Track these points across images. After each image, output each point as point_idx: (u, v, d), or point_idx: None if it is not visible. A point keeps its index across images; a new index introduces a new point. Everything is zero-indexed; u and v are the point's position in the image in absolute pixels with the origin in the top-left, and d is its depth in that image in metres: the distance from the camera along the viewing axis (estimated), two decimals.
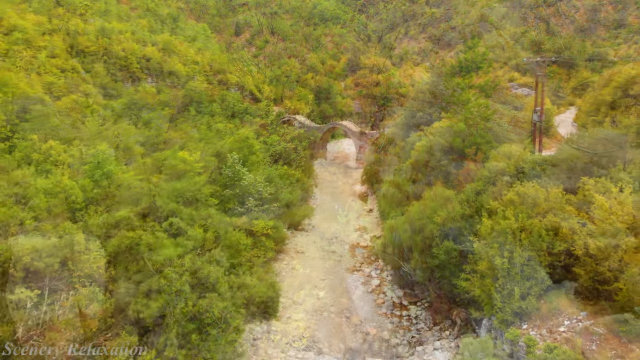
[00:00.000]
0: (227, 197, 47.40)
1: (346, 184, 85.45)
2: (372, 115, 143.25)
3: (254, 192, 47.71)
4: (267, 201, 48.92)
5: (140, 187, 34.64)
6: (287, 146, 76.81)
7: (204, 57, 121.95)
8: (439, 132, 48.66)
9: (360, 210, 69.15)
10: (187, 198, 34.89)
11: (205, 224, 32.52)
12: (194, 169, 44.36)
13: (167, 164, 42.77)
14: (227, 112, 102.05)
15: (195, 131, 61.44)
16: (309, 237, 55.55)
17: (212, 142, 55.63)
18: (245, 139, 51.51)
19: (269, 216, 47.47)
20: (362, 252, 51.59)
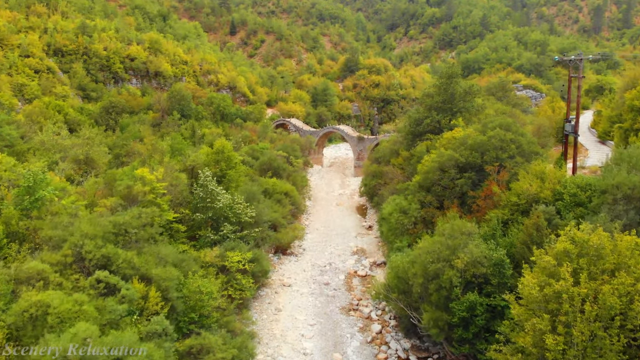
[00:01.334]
0: (198, 222, 38.90)
1: (343, 195, 76.92)
2: (371, 119, 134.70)
3: (231, 216, 39.22)
4: (247, 225, 40.42)
5: (68, 222, 26.15)
6: (277, 154, 68.27)
7: (194, 57, 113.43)
8: (451, 144, 40.14)
9: (358, 226, 60.66)
10: (132, 234, 26.46)
11: (152, 276, 24.08)
12: (156, 190, 35.87)
13: (119, 186, 34.30)
14: (216, 116, 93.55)
15: (171, 139, 52.81)
16: (298, 264, 47.03)
17: (186, 153, 47.15)
18: (222, 150, 42.98)
19: (248, 245, 38.99)
20: (360, 284, 43.12)
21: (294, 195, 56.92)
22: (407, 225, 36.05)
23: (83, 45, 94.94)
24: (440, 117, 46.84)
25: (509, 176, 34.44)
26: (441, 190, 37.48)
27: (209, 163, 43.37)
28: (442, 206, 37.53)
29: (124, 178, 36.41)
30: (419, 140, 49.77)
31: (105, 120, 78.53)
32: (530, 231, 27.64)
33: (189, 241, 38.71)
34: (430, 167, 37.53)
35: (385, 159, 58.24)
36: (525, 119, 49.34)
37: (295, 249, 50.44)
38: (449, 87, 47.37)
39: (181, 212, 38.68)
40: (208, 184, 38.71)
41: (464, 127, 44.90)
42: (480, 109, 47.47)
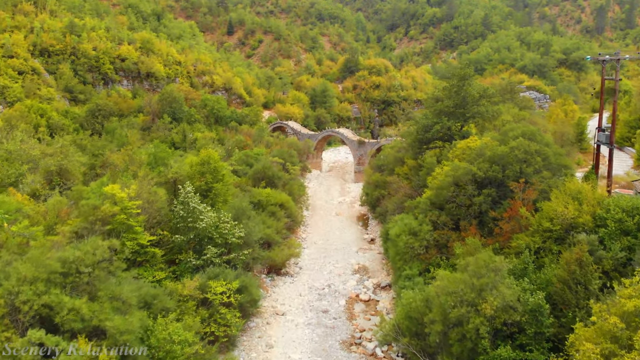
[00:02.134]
0: (178, 245, 33.74)
1: (343, 203, 71.74)
2: (372, 121, 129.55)
3: (216, 237, 34.06)
4: (235, 247, 35.26)
5: (5, 260, 20.96)
6: (272, 160, 63.12)
7: (188, 57, 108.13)
8: (466, 155, 34.99)
9: (359, 239, 55.52)
10: (85, 275, 21.26)
11: (107, 328, 18.92)
12: (127, 210, 30.71)
13: (84, 206, 29.14)
14: (209, 119, 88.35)
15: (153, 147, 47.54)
16: (294, 286, 41.84)
17: (170, 163, 42.02)
18: (207, 161, 37.78)
19: (236, 270, 33.86)
20: (363, 310, 38.00)
21: (290, 206, 51.75)
22: (417, 250, 30.88)
23: (71, 45, 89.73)
24: (451, 124, 41.63)
25: (536, 194, 29.29)
26: (456, 208, 32.31)
27: (193, 175, 38.18)
28: (458, 227, 32.37)
29: (90, 196, 31.27)
30: (427, 148, 44.59)
31: (91, 124, 73.31)
32: (572, 267, 22.52)
33: (167, 266, 33.58)
34: (443, 181, 32.36)
35: (388, 167, 53.01)
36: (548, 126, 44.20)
37: (290, 268, 45.26)
38: (460, 90, 42.16)
39: (159, 233, 33.55)
40: (189, 201, 33.54)
41: (478, 135, 39.76)
42: (496, 114, 42.41)
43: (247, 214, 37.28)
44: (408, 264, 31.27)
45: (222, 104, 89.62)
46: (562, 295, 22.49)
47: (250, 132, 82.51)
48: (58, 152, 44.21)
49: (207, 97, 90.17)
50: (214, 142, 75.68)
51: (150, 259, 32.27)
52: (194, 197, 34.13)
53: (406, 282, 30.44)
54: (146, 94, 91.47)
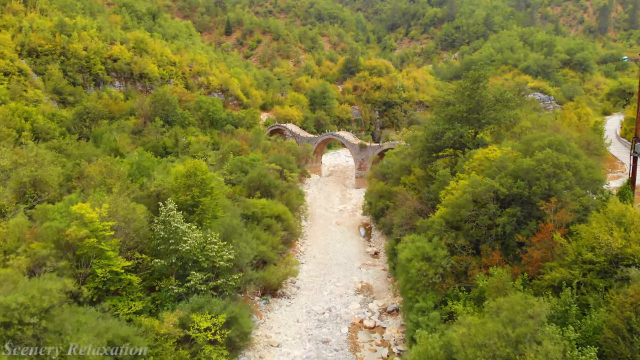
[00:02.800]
0: (159, 270, 29.48)
1: (344, 211, 67.48)
2: (373, 123, 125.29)
3: (202, 260, 29.82)
4: (224, 271, 31.00)
5: None
6: (269, 167, 58.88)
7: (183, 58, 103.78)
8: (484, 167, 30.75)
9: (362, 252, 51.27)
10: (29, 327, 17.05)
11: None
12: (98, 233, 26.50)
13: (48, 229, 24.96)
14: (204, 122, 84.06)
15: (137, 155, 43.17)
16: (290, 310, 37.58)
17: (153, 173, 37.77)
18: (194, 173, 33.52)
19: (224, 298, 29.65)
20: (368, 339, 33.78)
21: (287, 218, 47.48)
22: (432, 278, 26.60)
23: (61, 44, 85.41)
24: (465, 130, 37.35)
25: (571, 216, 25.06)
26: (475, 228, 28.06)
27: (178, 189, 33.92)
28: (478, 250, 28.14)
29: (56, 216, 27.02)
30: (437, 157, 40.33)
31: (78, 128, 68.98)
32: (626, 313, 18.30)
33: (147, 294, 29.36)
34: (460, 198, 28.11)
35: (394, 176, 48.70)
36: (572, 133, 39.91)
37: (287, 288, 40.99)
38: (474, 94, 37.88)
39: (137, 257, 29.29)
40: (171, 220, 29.28)
41: (494, 143, 35.53)
42: (514, 120, 38.20)
43: (238, 232, 32.99)
44: (421, 294, 27.00)
45: (218, 106, 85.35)
46: (615, 347, 18.29)
47: (246, 136, 78.21)
48: (32, 161, 39.96)
49: (202, 98, 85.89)
50: (208, 147, 71.52)
51: (126, 287, 28.08)
52: (177, 216, 29.87)
53: (419, 316, 26.19)
54: (139, 95, 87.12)
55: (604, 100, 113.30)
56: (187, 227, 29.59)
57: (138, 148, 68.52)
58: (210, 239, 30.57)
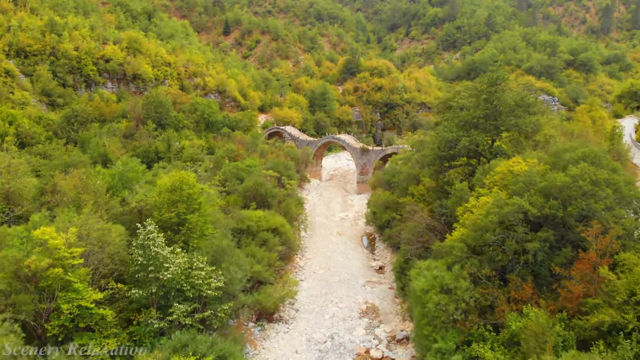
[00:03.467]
0: (137, 301, 25.49)
1: (346, 219, 63.47)
2: (374, 125, 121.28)
3: (187, 289, 25.85)
4: (212, 301, 27.01)
5: None
6: (266, 174, 54.88)
7: (179, 58, 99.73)
8: (509, 182, 26.77)
9: (366, 267, 47.25)
10: None
11: None
12: (65, 261, 22.55)
13: (4, 259, 21.00)
14: (199, 125, 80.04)
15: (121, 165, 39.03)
16: (288, 338, 33.57)
17: (135, 185, 33.78)
18: (179, 187, 29.50)
19: (212, 333, 25.65)
20: None
21: (285, 231, 43.48)
22: (453, 315, 22.63)
23: (50, 44, 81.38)
24: (482, 138, 33.35)
25: (617, 245, 21.12)
26: (501, 255, 24.08)
27: (162, 205, 29.90)
28: (504, 280, 24.17)
29: (15, 242, 23.04)
30: (449, 167, 36.31)
31: (66, 132, 64.93)
32: None
33: (123, 329, 25.36)
34: (484, 220, 24.12)
35: (401, 185, 44.64)
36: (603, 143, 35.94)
37: (285, 311, 36.97)
38: (492, 97, 33.87)
39: (112, 287, 25.30)
40: (150, 245, 25.28)
41: (518, 154, 31.53)
42: (536, 127, 34.22)
43: (229, 253, 28.96)
44: (440, 332, 23.02)
45: (214, 108, 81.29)
46: None
47: (243, 140, 74.19)
48: (4, 171, 35.97)
49: (197, 100, 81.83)
50: (203, 151, 67.53)
51: (99, 321, 24.10)
52: (157, 239, 25.86)
53: (438, 357, 22.22)
54: (132, 97, 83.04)
55: (614, 102, 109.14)
56: (169, 251, 25.57)
57: (127, 153, 64.74)
58: (197, 264, 26.57)
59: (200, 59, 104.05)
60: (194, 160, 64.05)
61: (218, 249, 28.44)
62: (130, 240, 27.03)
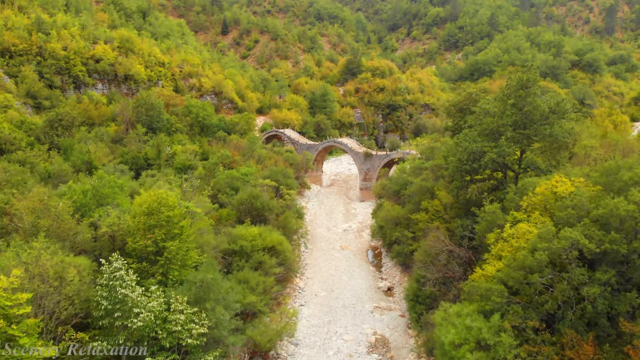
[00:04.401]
0: (100, 351, 20.57)
1: (349, 231, 58.56)
2: (376, 127, 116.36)
3: (162, 337, 20.99)
4: (195, 350, 22.10)
5: None
6: (263, 184, 49.93)
7: (173, 58, 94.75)
8: (554, 207, 21.88)
9: (373, 288, 42.29)
10: None
11: None
12: (6, 311, 17.68)
13: None
14: (193, 128, 75.08)
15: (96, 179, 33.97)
16: None
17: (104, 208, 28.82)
18: (157, 209, 24.60)
19: None
20: None
21: (283, 249, 38.57)
22: None
23: (37, 44, 76.43)
24: (512, 150, 28.41)
25: None
26: (551, 302, 19.17)
27: (137, 230, 24.97)
28: (552, 329, 19.27)
29: None
30: (471, 181, 31.36)
31: (49, 137, 60.04)
32: None
33: None
34: (530, 258, 19.21)
35: (412, 199, 39.67)
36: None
37: (283, 346, 32.02)
38: (522, 102, 28.95)
39: (71, 336, 20.37)
40: (117, 286, 20.37)
41: (554, 168, 26.65)
42: (575, 137, 29.32)
43: (215, 290, 24.01)
44: None
45: (209, 111, 76.32)
46: None
47: (239, 144, 69.22)
48: None
49: (191, 102, 76.86)
50: (196, 157, 62.64)
51: None
52: (127, 275, 20.95)
53: None
54: (123, 99, 78.04)
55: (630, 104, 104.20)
56: (139, 293, 20.63)
57: (115, 160, 59.82)
58: (175, 307, 21.66)
59: (196, 59, 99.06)
60: (185, 168, 59.27)
61: (202, 284, 23.52)
62: (98, 274, 22.12)
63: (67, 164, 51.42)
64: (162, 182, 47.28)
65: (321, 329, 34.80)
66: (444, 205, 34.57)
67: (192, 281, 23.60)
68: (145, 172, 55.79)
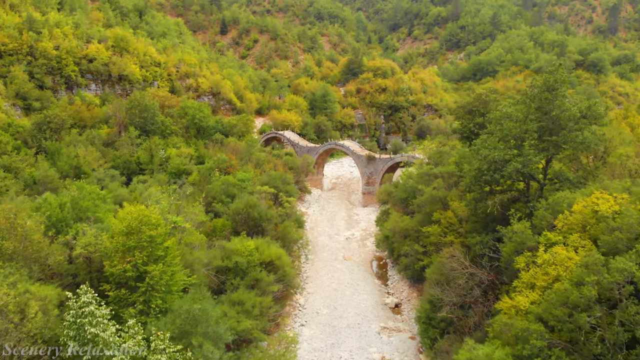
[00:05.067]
0: None
1: (352, 239, 55.32)
2: (378, 128, 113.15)
3: None
4: None
5: None
6: (262, 191, 46.68)
7: (170, 58, 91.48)
8: (596, 229, 18.66)
9: (379, 305, 39.03)
10: None
11: None
12: None
13: None
14: (189, 131, 71.84)
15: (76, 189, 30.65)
16: None
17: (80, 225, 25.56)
18: (137, 229, 21.40)
19: None
20: None
21: (282, 264, 35.33)
22: None
23: (28, 43, 73.09)
24: (539, 159, 25.16)
25: None
26: (600, 346, 15.97)
27: (115, 253, 21.75)
28: None
29: None
30: (490, 192, 28.10)
31: (37, 140, 56.78)
32: None
33: None
34: (574, 294, 16.00)
35: (422, 209, 36.40)
36: None
37: None
38: (549, 106, 25.73)
39: None
40: (86, 324, 17.15)
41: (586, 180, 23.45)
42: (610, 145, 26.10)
43: (204, 322, 20.80)
44: None
45: (206, 112, 73.03)
46: None
47: (237, 147, 65.99)
48: None
49: (187, 104, 73.59)
50: (191, 161, 59.47)
51: None
52: (98, 310, 17.73)
53: None
54: (117, 100, 74.78)
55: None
56: (112, 333, 17.39)
57: (106, 165, 56.63)
58: (156, 345, 18.45)
59: (193, 58, 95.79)
60: (180, 173, 56.10)
61: (188, 316, 20.30)
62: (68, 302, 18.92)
63: (53, 170, 48.22)
64: (154, 189, 44.20)
65: (324, 353, 31.58)
66: (458, 217, 31.36)
67: (177, 311, 20.37)
68: (136, 177, 52.65)
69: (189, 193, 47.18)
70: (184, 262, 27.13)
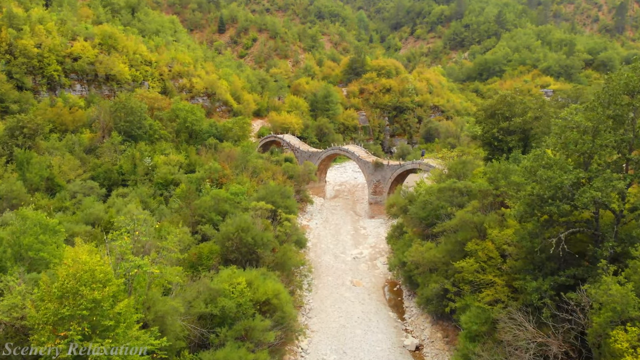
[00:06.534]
0: None
1: (360, 259, 48.52)
2: (382, 130, 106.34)
3: None
4: None
5: None
6: (258, 207, 39.87)
7: (162, 56, 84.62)
8: None
9: (396, 347, 32.25)
10: None
11: None
12: None
13: None
14: (180, 135, 65.08)
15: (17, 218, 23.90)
16: None
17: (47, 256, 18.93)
18: (75, 290, 14.85)
19: None
20: None
21: (280, 304, 28.53)
22: None
23: (7, 41, 66.27)
24: (623, 184, 18.51)
25: None
26: None
27: (45, 325, 15.02)
28: None
29: None
30: (548, 223, 21.36)
31: (8, 147, 49.98)
32: None
33: None
34: None
35: (451, 237, 29.51)
36: None
37: None
38: (627, 115, 19.04)
39: None
40: None
41: None
42: None
43: None
44: None
45: (199, 115, 66.23)
46: None
47: (232, 153, 59.17)
48: None
49: (179, 105, 66.81)
50: (180, 170, 52.74)
51: None
52: None
53: None
54: (104, 102, 67.95)
55: None
56: None
57: (85, 175, 49.84)
58: None
59: (187, 57, 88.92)
60: (167, 184, 49.38)
61: None
62: None
63: (20, 183, 41.49)
64: (134, 205, 37.51)
65: None
66: (500, 250, 24.66)
67: None
68: (116, 190, 45.94)
69: (174, 209, 40.54)
70: (153, 314, 20.51)
